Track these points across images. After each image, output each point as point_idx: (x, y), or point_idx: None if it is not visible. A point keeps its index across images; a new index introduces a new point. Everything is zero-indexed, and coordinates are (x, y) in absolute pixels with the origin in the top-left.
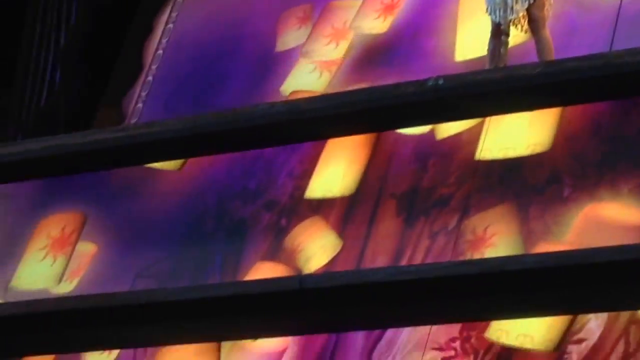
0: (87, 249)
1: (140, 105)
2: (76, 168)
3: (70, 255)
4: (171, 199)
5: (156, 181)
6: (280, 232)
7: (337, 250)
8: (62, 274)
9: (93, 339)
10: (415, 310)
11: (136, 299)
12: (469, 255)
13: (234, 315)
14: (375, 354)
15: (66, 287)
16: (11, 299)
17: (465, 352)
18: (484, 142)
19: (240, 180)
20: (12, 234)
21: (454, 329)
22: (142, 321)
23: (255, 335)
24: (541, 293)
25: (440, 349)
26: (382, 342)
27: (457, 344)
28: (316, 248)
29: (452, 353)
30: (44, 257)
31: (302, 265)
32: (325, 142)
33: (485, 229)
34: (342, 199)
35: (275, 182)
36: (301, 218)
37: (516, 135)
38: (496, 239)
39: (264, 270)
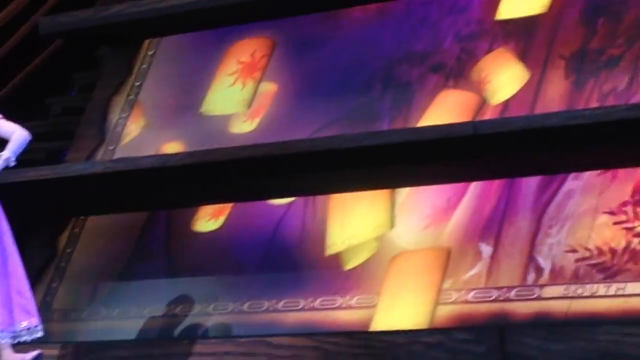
0: (268, 89)
1: None
2: (246, 18)
3: (260, 81)
4: (346, 55)
5: (336, 33)
6: None
7: (524, 81)
8: (252, 99)
9: (268, 187)
10: (589, 155)
11: (311, 147)
12: None
13: (408, 162)
14: (546, 218)
15: (247, 127)
16: (202, 125)
17: (636, 216)
18: None
19: (406, 44)
20: (202, 60)
21: (625, 193)
22: (317, 169)
23: (428, 182)
24: None
25: (611, 213)
26: (552, 206)
27: (628, 208)
28: (504, 79)
29: (624, 217)
30: (234, 83)
31: (490, 96)
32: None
33: None
34: (524, 32)
35: (442, 44)
36: (469, 80)
37: None
38: None
39: (450, 99)
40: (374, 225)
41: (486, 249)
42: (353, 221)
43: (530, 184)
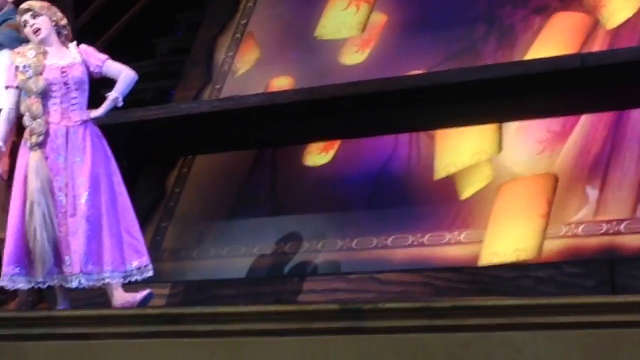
0: (378, 19)
1: None
2: None
3: (373, 5)
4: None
5: None
6: None
7: (637, 7)
8: (366, 23)
9: (376, 123)
10: None
11: (419, 82)
12: None
13: (515, 96)
14: None
15: (357, 58)
16: (312, 59)
17: None
18: None
19: None
20: None
21: None
22: (425, 104)
23: (535, 116)
24: None
25: None
26: None
27: None
28: (619, 3)
29: None
30: (347, 6)
31: (605, 20)
32: None
33: None
34: None
35: None
36: (582, 4)
37: None
38: None
39: (562, 22)
40: (475, 151)
41: (592, 192)
42: (457, 148)
43: (636, 125)
